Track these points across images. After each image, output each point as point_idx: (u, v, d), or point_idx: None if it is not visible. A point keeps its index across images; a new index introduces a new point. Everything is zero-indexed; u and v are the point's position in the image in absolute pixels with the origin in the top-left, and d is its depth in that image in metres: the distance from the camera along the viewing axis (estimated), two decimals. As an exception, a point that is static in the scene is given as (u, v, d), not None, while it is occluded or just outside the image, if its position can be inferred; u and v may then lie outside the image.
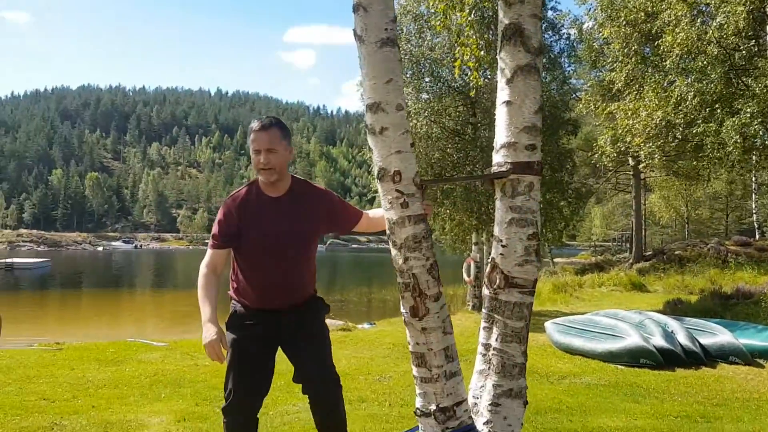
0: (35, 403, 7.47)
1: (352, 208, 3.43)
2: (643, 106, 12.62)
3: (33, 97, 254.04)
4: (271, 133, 3.08)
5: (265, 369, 3.21)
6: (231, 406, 3.16)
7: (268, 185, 3.13)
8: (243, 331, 3.16)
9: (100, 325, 21.90)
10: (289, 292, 3.19)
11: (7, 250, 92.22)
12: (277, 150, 3.07)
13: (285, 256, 3.14)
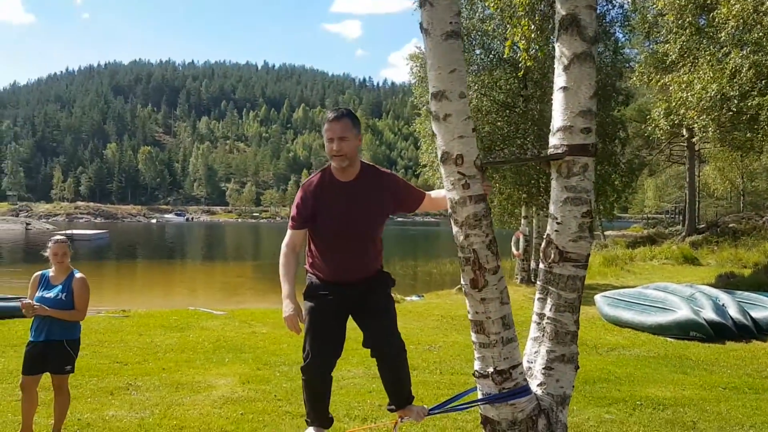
0: (109, 366, 8.06)
1: (415, 190, 3.68)
2: (698, 79, 12.38)
3: (87, 73, 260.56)
4: (343, 123, 3.32)
5: (337, 334, 3.51)
6: (308, 366, 3.49)
7: (339, 171, 3.42)
8: (318, 300, 3.47)
9: (158, 294, 22.84)
10: (359, 267, 3.49)
11: (66, 221, 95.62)
12: (348, 138, 3.32)
13: (355, 236, 3.44)
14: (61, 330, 5.04)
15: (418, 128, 18.84)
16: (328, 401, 3.67)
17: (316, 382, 3.55)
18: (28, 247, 50.78)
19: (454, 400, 3.72)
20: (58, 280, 5.15)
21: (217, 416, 5.80)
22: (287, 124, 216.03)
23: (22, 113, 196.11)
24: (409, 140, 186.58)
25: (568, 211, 2.85)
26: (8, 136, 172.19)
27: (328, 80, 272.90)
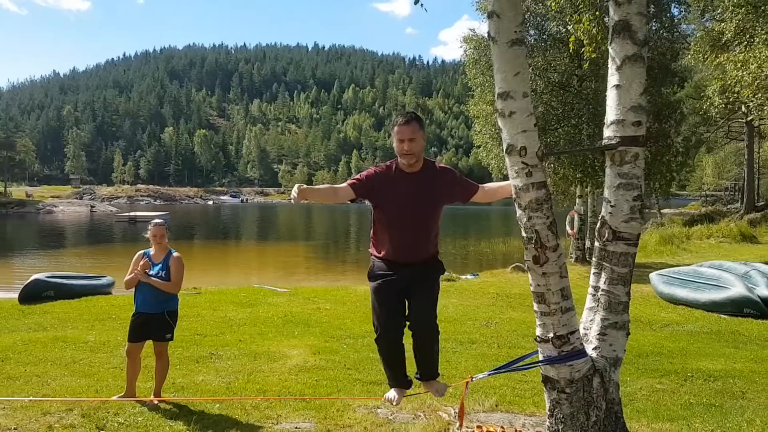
0: (191, 338, 8.77)
1: (469, 183, 4.10)
2: (753, 58, 12.24)
3: (143, 58, 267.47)
4: (411, 126, 3.75)
5: (400, 309, 3.97)
6: (379, 338, 4.00)
7: (407, 166, 3.87)
8: (381, 280, 3.94)
9: (220, 273, 23.83)
10: (417, 250, 3.93)
11: (128, 204, 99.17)
12: (416, 139, 3.75)
13: (418, 220, 3.88)
14: (161, 302, 5.69)
15: (471, 109, 19.03)
16: (403, 366, 4.14)
17: (388, 351, 4.02)
18: (94, 228, 53.18)
19: (518, 361, 4.14)
20: (158, 258, 5.79)
21: (294, 382, 6.37)
22: (337, 105, 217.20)
23: (82, 98, 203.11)
24: (460, 119, 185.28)
25: (620, 195, 3.23)
26: (69, 121, 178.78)
27: (378, 60, 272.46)
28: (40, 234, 47.88)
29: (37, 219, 65.01)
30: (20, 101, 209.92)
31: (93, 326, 9.78)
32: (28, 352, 7.94)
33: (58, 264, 25.49)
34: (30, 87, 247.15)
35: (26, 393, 5.80)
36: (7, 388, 5.96)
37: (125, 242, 39.20)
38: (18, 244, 40.09)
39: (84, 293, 13.27)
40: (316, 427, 4.90)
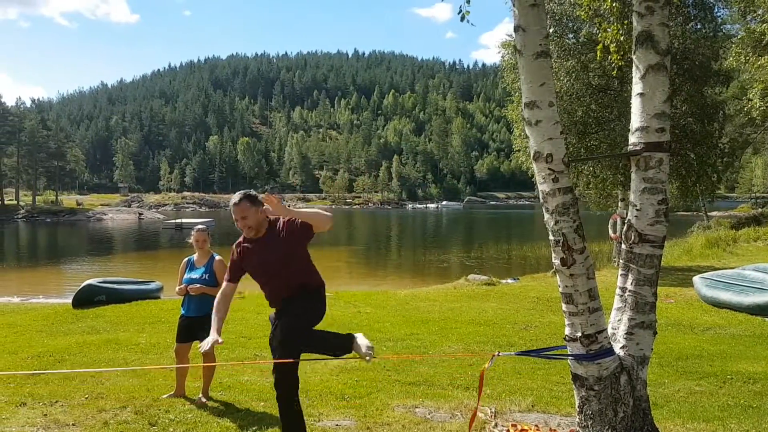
0: (236, 340, 9.07)
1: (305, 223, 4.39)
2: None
3: (188, 68, 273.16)
4: (242, 206, 4.29)
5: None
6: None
7: (252, 236, 4.37)
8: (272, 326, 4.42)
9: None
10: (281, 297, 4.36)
11: (174, 211, 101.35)
12: (248, 216, 4.29)
13: (273, 276, 4.33)
14: (206, 305, 5.94)
15: (510, 114, 19.04)
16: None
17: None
18: (142, 235, 54.63)
19: (548, 350, 4.26)
20: (201, 262, 6.08)
21: (335, 382, 6.58)
22: (378, 111, 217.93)
23: (129, 109, 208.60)
24: (501, 122, 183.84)
25: (645, 199, 3.35)
26: (118, 131, 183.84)
27: (418, 65, 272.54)
28: (91, 241, 49.45)
29: (87, 226, 67.08)
30: (70, 112, 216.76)
31: (143, 329, 10.18)
32: (83, 353, 8.34)
33: (108, 270, 26.36)
34: (79, 98, 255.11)
35: (82, 392, 6.13)
36: (64, 387, 6.30)
37: (172, 248, 40.21)
38: (69, 251, 41.53)
39: (134, 297, 13.79)
40: (356, 424, 5.08)
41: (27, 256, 38.49)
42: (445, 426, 4.82)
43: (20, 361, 7.90)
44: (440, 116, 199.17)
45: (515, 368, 7.22)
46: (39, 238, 53.96)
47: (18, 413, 5.44)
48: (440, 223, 75.73)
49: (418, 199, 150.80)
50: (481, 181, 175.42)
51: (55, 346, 8.89)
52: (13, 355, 8.31)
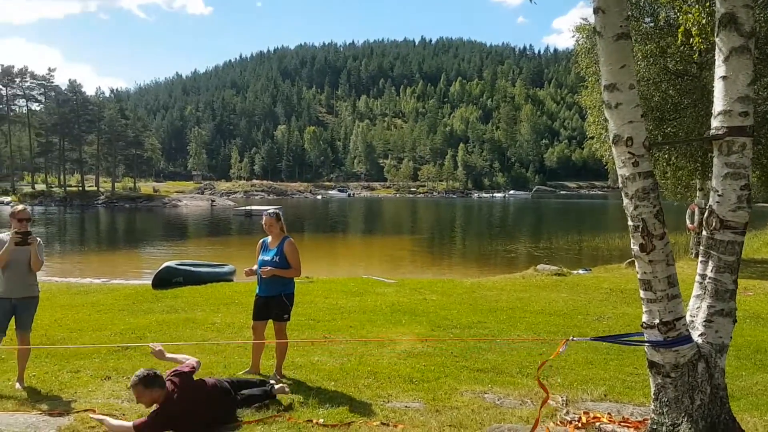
0: (305, 322, 9.30)
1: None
2: None
3: (258, 59, 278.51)
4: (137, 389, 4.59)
5: None
6: None
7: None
8: None
9: (328, 263, 24.67)
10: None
11: (244, 198, 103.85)
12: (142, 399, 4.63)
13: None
14: (279, 286, 6.17)
15: (584, 100, 18.58)
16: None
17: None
18: (214, 221, 56.31)
19: (624, 336, 4.20)
20: (274, 244, 6.29)
21: (403, 366, 6.67)
22: (444, 99, 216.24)
23: (202, 99, 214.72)
24: (573, 109, 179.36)
25: (728, 184, 3.25)
26: (191, 121, 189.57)
27: (486, 51, 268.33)
28: (166, 226, 51.35)
29: (163, 212, 69.65)
30: (147, 102, 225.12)
31: (218, 310, 10.57)
32: (163, 331, 8.75)
33: (183, 254, 27.34)
34: (155, 88, 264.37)
35: (163, 366, 6.44)
36: (146, 363, 6.63)
37: (242, 234, 41.31)
38: (146, 236, 43.27)
39: (209, 280, 14.29)
40: (425, 406, 5.16)
41: (107, 240, 40.37)
42: (515, 412, 4.83)
43: (104, 338, 8.35)
44: (509, 103, 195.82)
45: (587, 358, 7.13)
46: (118, 223, 56.44)
47: (104, 386, 5.78)
48: (507, 213, 74.80)
49: (484, 188, 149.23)
50: (550, 169, 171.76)
51: (137, 324, 9.35)
52: (97, 332, 8.79)
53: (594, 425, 4.09)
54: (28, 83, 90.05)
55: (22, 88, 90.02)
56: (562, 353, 4.15)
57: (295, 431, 4.53)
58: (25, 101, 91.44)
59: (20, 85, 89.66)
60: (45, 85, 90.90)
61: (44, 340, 7.92)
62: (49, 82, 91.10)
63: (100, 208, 74.46)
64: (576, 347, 7.58)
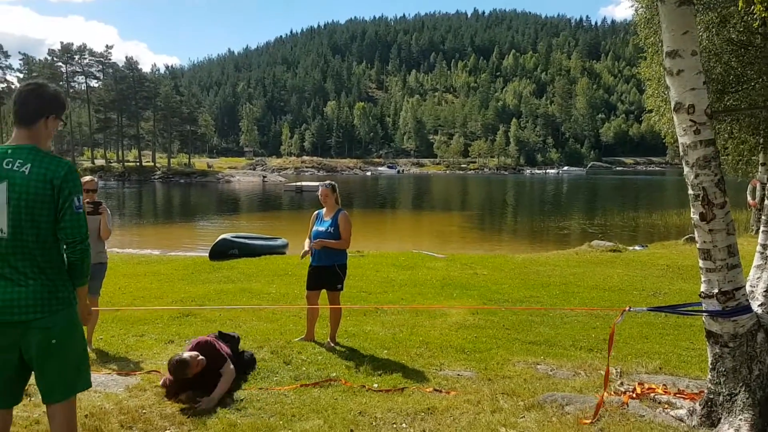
0: (357, 294, 9.46)
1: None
2: None
3: (308, 34, 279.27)
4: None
5: None
6: None
7: None
8: None
9: (378, 238, 24.87)
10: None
11: (294, 174, 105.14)
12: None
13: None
14: (332, 257, 6.29)
15: (643, 72, 18.02)
16: None
17: None
18: (266, 197, 57.28)
19: (682, 306, 4.15)
20: (328, 216, 6.42)
21: (454, 337, 6.74)
22: (496, 73, 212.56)
23: (254, 75, 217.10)
24: (631, 83, 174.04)
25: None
26: (243, 97, 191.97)
27: (541, 22, 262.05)
28: (220, 201, 52.55)
29: (216, 188, 71.24)
30: (200, 79, 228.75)
31: (272, 281, 10.84)
32: (220, 299, 9.05)
33: (236, 227, 27.94)
34: (208, 65, 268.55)
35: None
36: (206, 328, 6.86)
37: (292, 210, 41.95)
38: (201, 210, 44.42)
39: (263, 252, 14.64)
40: (477, 375, 5.22)
41: (164, 214, 41.60)
42: (568, 383, 4.84)
43: (166, 305, 8.68)
44: (564, 77, 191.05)
45: (642, 333, 7.06)
46: (174, 198, 58.00)
47: (167, 349, 6.03)
48: (560, 189, 73.60)
49: (537, 164, 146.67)
50: (606, 145, 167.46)
51: (196, 292, 9.69)
52: (159, 300, 9.15)
53: (648, 396, 4.08)
54: (87, 60, 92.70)
55: (81, 65, 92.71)
56: (618, 323, 4.13)
57: (350, 395, 4.66)
58: (84, 78, 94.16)
59: (79, 62, 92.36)
60: (103, 62, 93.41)
61: (109, 306, 8.29)
62: (106, 59, 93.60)
63: (156, 183, 76.64)
64: (631, 322, 7.50)
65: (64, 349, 2.66)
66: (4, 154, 2.60)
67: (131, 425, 3.98)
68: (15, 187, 2.56)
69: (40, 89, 2.74)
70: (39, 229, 2.60)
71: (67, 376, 2.69)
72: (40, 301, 2.59)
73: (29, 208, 2.57)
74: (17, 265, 2.58)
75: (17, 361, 2.62)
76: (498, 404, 4.26)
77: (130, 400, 4.44)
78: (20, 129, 2.68)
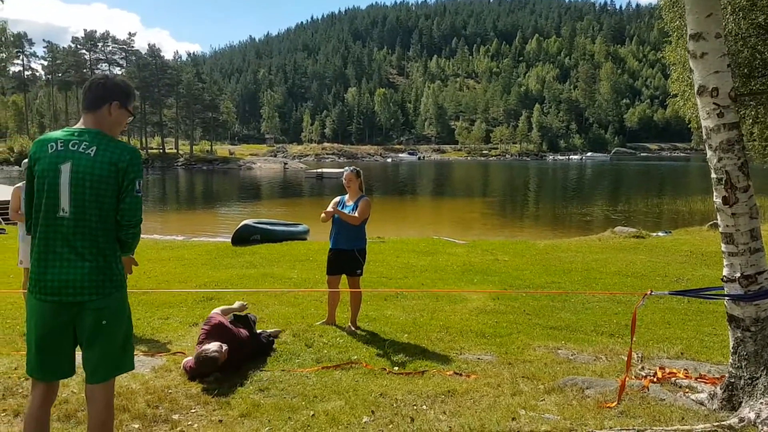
0: (377, 279, 9.51)
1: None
2: None
3: (329, 20, 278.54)
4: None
5: None
6: None
7: None
8: None
9: (399, 224, 24.90)
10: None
11: (315, 161, 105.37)
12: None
13: None
14: (351, 241, 6.35)
15: (668, 56, 17.71)
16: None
17: None
18: (287, 183, 57.57)
19: (704, 290, 4.14)
20: (351, 200, 6.48)
21: (474, 322, 6.76)
22: (519, 58, 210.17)
23: (275, 62, 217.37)
24: (656, 67, 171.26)
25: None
26: (264, 84, 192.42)
27: (565, 6, 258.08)
28: (242, 187, 52.93)
29: (238, 174, 71.73)
30: (221, 66, 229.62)
31: (294, 266, 10.93)
32: (243, 284, 9.15)
33: (258, 214, 28.18)
34: (229, 52, 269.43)
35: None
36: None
37: (313, 196, 42.12)
38: (223, 196, 44.80)
39: (284, 238, 14.77)
40: (497, 359, 5.25)
41: (187, 200, 42.04)
42: (589, 367, 4.85)
43: (190, 289, 8.81)
44: (588, 61, 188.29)
45: (664, 318, 7.03)
46: (196, 184, 58.53)
47: (191, 332, 6.14)
48: (584, 175, 72.91)
49: (559, 151, 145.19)
50: (631, 131, 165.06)
51: (219, 277, 9.82)
52: (183, 284, 9.29)
53: (669, 380, 4.08)
54: (110, 47, 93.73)
55: (105, 52, 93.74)
56: (640, 307, 4.13)
57: (371, 377, 4.72)
58: (108, 65, 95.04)
59: (102, 50, 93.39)
60: (126, 50, 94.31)
61: (135, 289, 8.43)
62: (129, 46, 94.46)
63: (179, 170, 77.33)
64: (653, 308, 7.47)
65: (113, 331, 2.75)
66: (70, 136, 2.70)
67: (157, 404, 4.08)
68: (79, 168, 2.65)
69: (105, 79, 2.88)
70: (101, 210, 2.68)
71: (113, 356, 2.77)
72: (95, 283, 2.68)
73: (93, 189, 2.65)
74: (77, 245, 2.66)
75: (72, 338, 2.73)
76: (518, 387, 4.29)
77: (156, 381, 4.55)
78: (86, 114, 2.79)
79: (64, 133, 2.73)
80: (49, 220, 2.67)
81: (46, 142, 2.70)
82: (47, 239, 2.68)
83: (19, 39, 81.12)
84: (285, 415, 3.96)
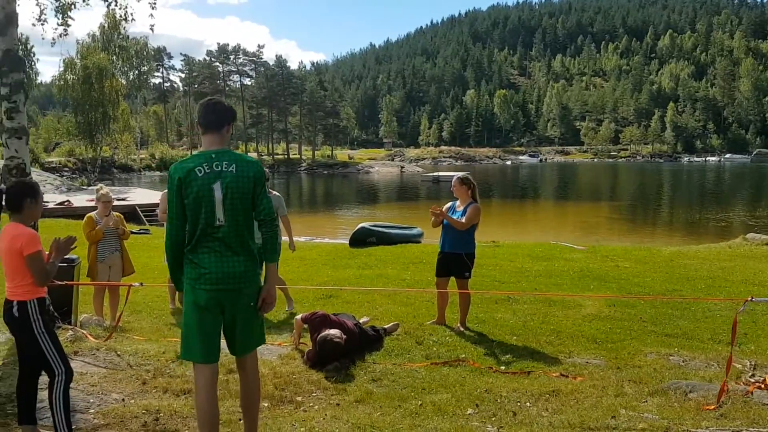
0: (490, 283, 9.61)
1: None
2: None
3: (449, 23, 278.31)
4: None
5: None
6: None
7: None
8: None
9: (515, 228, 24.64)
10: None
11: (432, 164, 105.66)
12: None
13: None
14: (460, 245, 6.57)
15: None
16: None
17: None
18: (403, 187, 58.35)
19: None
20: (461, 206, 6.69)
21: (587, 327, 6.73)
22: (651, 54, 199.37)
23: (394, 68, 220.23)
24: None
25: None
26: (383, 89, 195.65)
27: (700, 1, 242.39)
28: (359, 191, 54.32)
29: (357, 178, 73.57)
30: (342, 73, 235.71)
31: (407, 268, 11.26)
32: (359, 283, 9.61)
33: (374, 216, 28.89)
34: (350, 60, 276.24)
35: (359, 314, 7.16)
36: (347, 309, 7.40)
37: (429, 199, 42.37)
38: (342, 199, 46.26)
39: (399, 240, 15.15)
40: (606, 363, 5.26)
41: (308, 203, 43.82)
42: (699, 372, 4.77)
43: (312, 286, 9.38)
44: (726, 58, 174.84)
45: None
46: (317, 188, 60.77)
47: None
48: (722, 179, 68.17)
49: (695, 152, 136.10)
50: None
51: (337, 276, 10.35)
52: (305, 282, 9.89)
53: (781, 389, 3.96)
54: (241, 59, 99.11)
55: (236, 64, 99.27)
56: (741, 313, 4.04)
57: (477, 374, 4.91)
58: (239, 77, 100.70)
59: (234, 62, 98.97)
60: (255, 61, 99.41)
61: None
62: (258, 58, 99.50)
63: (302, 174, 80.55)
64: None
65: (257, 311, 3.40)
66: (210, 159, 3.27)
67: (284, 387, 4.55)
68: (229, 184, 3.22)
69: (220, 103, 3.48)
70: (246, 216, 3.30)
71: (258, 331, 3.46)
72: (247, 273, 3.29)
73: (239, 200, 3.24)
74: (232, 244, 3.25)
75: (222, 322, 3.32)
76: (622, 389, 4.33)
77: (282, 367, 5.02)
78: (212, 135, 3.37)
79: (204, 158, 3.28)
80: (210, 228, 3.23)
81: (192, 168, 3.24)
82: (208, 243, 3.24)
83: (159, 53, 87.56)
84: (395, 403, 4.27)
